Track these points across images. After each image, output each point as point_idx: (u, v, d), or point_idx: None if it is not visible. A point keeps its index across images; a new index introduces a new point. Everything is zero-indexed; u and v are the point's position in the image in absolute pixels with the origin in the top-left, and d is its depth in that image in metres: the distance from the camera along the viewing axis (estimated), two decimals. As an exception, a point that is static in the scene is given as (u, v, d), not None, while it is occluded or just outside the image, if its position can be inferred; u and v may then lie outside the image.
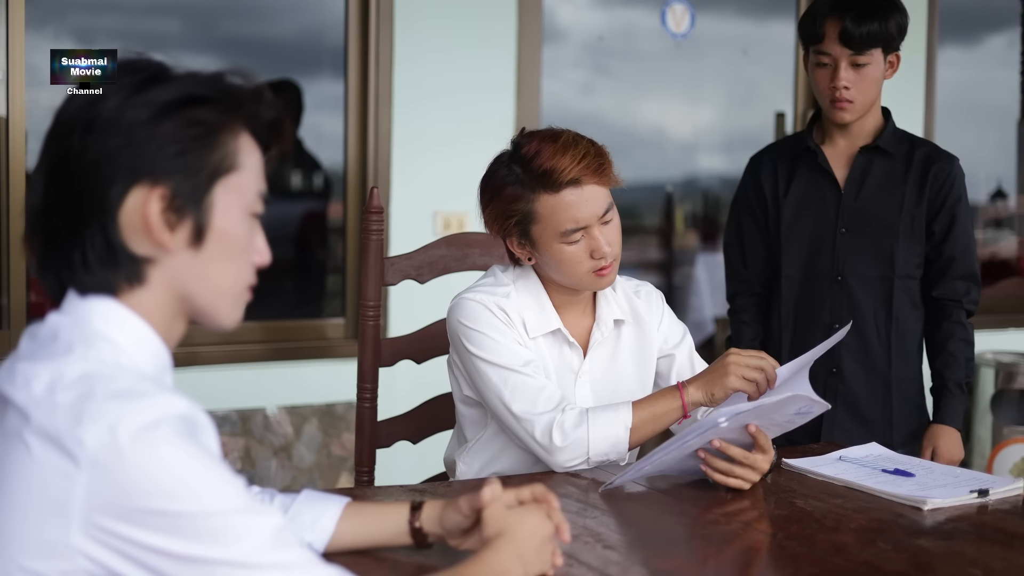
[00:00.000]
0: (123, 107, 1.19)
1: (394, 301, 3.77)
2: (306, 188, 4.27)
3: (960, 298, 2.66)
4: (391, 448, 2.43)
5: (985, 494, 1.96)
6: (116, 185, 1.18)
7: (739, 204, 2.82)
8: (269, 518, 1.17)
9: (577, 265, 2.07)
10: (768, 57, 4.92)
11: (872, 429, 2.65)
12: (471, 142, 3.95)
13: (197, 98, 1.21)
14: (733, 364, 1.99)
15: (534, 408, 2.02)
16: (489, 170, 2.13)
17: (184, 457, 1.12)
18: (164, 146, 1.19)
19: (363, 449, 2.38)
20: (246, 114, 1.25)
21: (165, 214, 1.20)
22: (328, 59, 4.06)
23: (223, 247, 1.24)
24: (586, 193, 2.04)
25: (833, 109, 2.62)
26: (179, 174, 1.20)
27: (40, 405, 1.13)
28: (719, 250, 5.25)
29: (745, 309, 2.80)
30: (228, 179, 1.23)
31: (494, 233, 2.14)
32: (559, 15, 4.59)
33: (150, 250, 1.21)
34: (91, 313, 1.21)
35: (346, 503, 1.57)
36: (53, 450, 1.11)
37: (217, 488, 1.14)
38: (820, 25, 2.59)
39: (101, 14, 3.85)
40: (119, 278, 1.21)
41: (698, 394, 2.02)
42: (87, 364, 1.16)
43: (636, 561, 1.65)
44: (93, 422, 1.10)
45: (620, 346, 2.20)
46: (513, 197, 2.06)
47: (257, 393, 3.67)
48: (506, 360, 2.06)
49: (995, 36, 5.62)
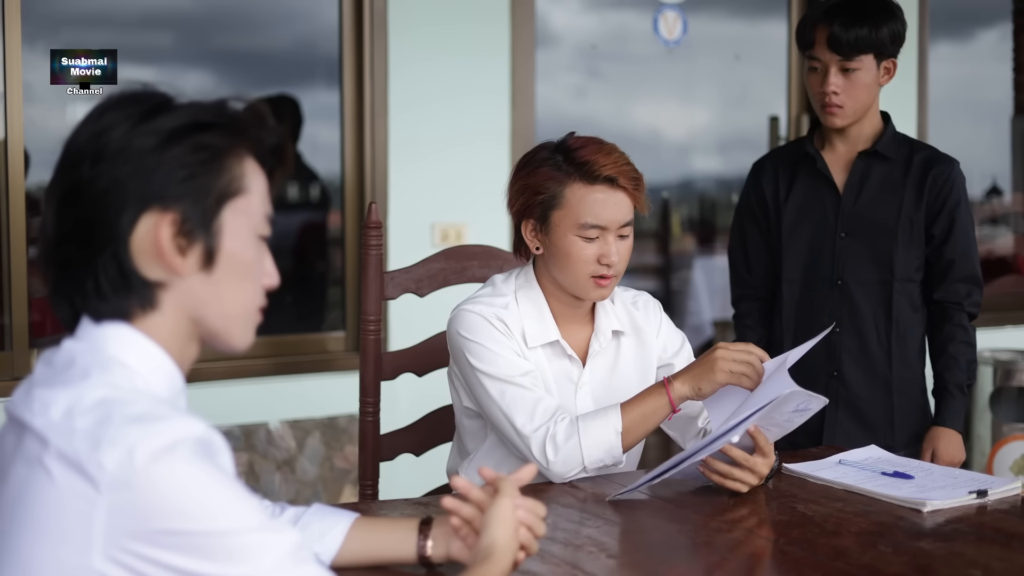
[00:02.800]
0: (130, 136, 1.21)
1: (394, 314, 3.78)
2: (303, 199, 4.28)
3: (961, 301, 2.67)
4: (394, 461, 2.44)
5: (984, 495, 1.97)
6: (127, 212, 1.20)
7: (742, 210, 2.84)
8: (286, 535, 1.20)
9: (582, 265, 2.08)
10: (761, 60, 4.93)
11: (874, 431, 2.66)
12: (467, 150, 3.97)
13: (202, 124, 1.23)
14: (721, 359, 2.00)
15: (531, 422, 2.03)
16: (530, 152, 2.17)
17: (201, 478, 1.14)
18: (172, 171, 1.21)
19: (366, 462, 2.39)
20: (250, 139, 1.27)
21: (176, 239, 1.22)
22: (322, 69, 4.07)
23: (233, 270, 1.26)
24: (616, 197, 2.07)
25: (824, 114, 2.64)
26: (188, 199, 1.22)
27: (59, 430, 1.15)
28: (716, 254, 5.26)
29: (749, 313, 2.82)
30: (236, 202, 1.25)
31: (514, 212, 2.15)
32: (551, 20, 4.60)
33: (162, 275, 1.23)
34: (106, 339, 1.23)
35: (355, 518, 1.59)
36: (73, 474, 1.13)
37: (234, 507, 1.16)
38: (811, 30, 2.62)
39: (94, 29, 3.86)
40: (132, 304, 1.23)
41: (684, 388, 2.02)
42: (104, 389, 1.18)
43: (640, 570, 1.67)
44: (112, 446, 1.12)
45: (620, 357, 2.21)
46: (547, 176, 2.09)
47: (259, 408, 3.68)
48: (504, 372, 2.07)
49: (986, 31, 5.62)
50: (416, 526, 1.59)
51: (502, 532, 1.44)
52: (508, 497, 1.48)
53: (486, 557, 1.42)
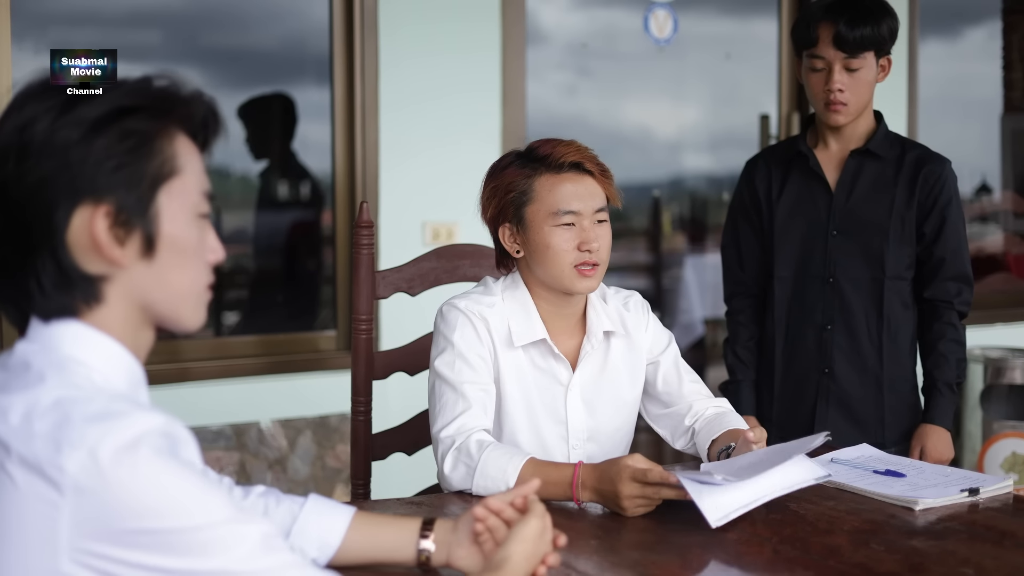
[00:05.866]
0: (53, 129, 1.17)
1: (385, 313, 3.78)
2: (294, 198, 4.27)
3: (951, 299, 2.68)
4: (386, 460, 2.44)
5: (976, 493, 1.98)
6: (59, 208, 1.17)
7: (735, 207, 2.86)
8: (255, 525, 1.19)
9: (563, 255, 2.08)
10: (752, 58, 4.94)
11: (864, 429, 2.68)
12: (458, 148, 3.97)
13: (126, 109, 1.20)
14: (627, 499, 1.85)
15: (447, 429, 2.02)
16: (495, 162, 2.18)
17: (166, 474, 1.13)
18: (101, 162, 1.18)
19: (358, 462, 2.39)
20: (178, 116, 1.24)
21: (113, 230, 1.19)
22: (311, 67, 4.06)
23: (175, 253, 1.24)
24: (586, 184, 2.09)
25: (827, 112, 2.65)
26: (120, 188, 1.19)
27: (18, 435, 1.13)
28: (707, 252, 5.26)
29: (742, 310, 2.83)
30: (170, 184, 1.23)
31: (489, 219, 2.15)
32: (541, 17, 4.60)
33: (103, 268, 1.21)
34: (59, 338, 1.21)
35: (354, 512, 1.58)
36: (36, 479, 1.11)
37: (202, 501, 1.15)
38: (814, 29, 2.62)
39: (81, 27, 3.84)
40: (76, 300, 1.21)
41: (588, 494, 1.90)
42: (61, 389, 1.16)
43: (633, 569, 1.67)
44: (73, 448, 1.10)
45: (610, 357, 2.21)
46: (514, 174, 2.11)
47: (251, 407, 3.67)
48: (451, 375, 2.07)
49: (975, 29, 5.63)
50: (417, 527, 1.57)
51: (520, 549, 1.44)
52: (538, 519, 1.48)
53: (496, 569, 1.42)
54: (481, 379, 2.08)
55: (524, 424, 2.14)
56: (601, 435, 2.20)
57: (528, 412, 2.15)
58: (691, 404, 2.23)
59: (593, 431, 2.19)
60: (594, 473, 1.90)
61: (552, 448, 2.16)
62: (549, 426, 2.16)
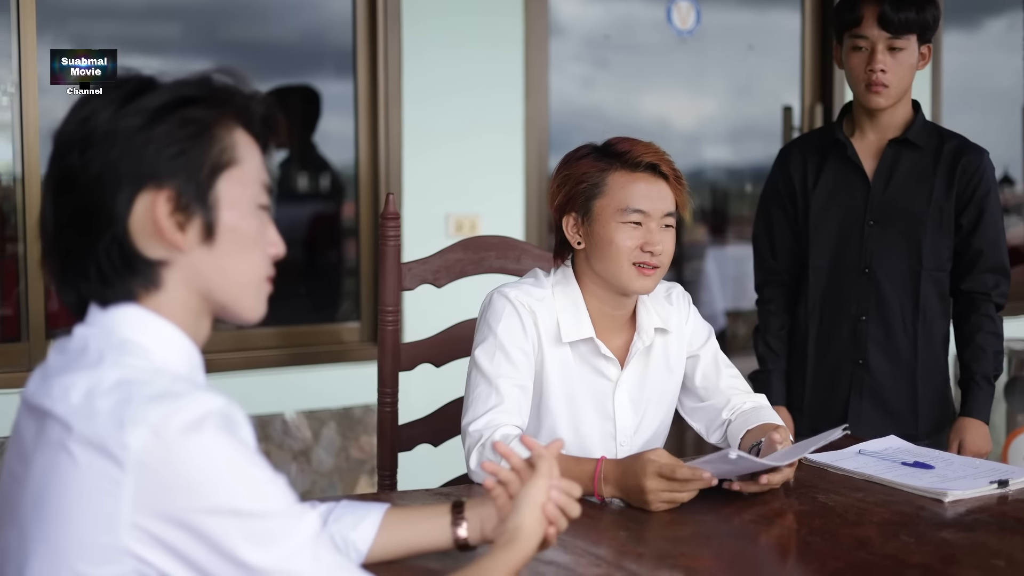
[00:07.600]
0: (116, 118, 1.21)
1: (409, 304, 3.79)
2: (314, 190, 4.28)
3: (989, 291, 2.66)
4: (412, 452, 2.44)
5: (1005, 484, 1.97)
6: (122, 194, 1.21)
7: (768, 195, 2.83)
8: (308, 521, 1.20)
9: (625, 252, 2.06)
10: (774, 49, 4.92)
11: (897, 420, 2.66)
12: (480, 140, 3.97)
13: (186, 99, 1.23)
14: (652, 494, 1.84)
15: (476, 423, 2.01)
16: (571, 151, 2.17)
17: (229, 455, 1.16)
18: (162, 149, 1.21)
19: (385, 453, 2.39)
20: (236, 109, 1.27)
21: (173, 215, 1.22)
22: (332, 60, 4.07)
23: (235, 240, 1.26)
24: (659, 187, 2.09)
25: (868, 94, 2.62)
26: (181, 174, 1.22)
27: (80, 414, 1.15)
28: (728, 244, 5.25)
29: (773, 299, 2.81)
30: (230, 173, 1.25)
31: (555, 207, 2.14)
32: (563, 10, 4.59)
33: (164, 253, 1.23)
34: (118, 321, 1.23)
35: (386, 508, 1.58)
36: (98, 456, 1.13)
37: (261, 487, 1.18)
38: (859, 8, 2.61)
39: (101, 20, 3.85)
40: (136, 285, 1.23)
41: (610, 489, 1.90)
42: (122, 370, 1.18)
43: (663, 561, 1.67)
44: (135, 425, 1.13)
45: (653, 352, 2.19)
46: (589, 166, 2.10)
47: (275, 399, 3.68)
48: (490, 368, 2.06)
49: (996, 20, 5.60)
50: (448, 511, 1.58)
51: (530, 515, 1.44)
52: (543, 479, 1.47)
53: (510, 541, 1.42)
54: (519, 374, 2.07)
55: (565, 420, 2.13)
56: (646, 430, 2.19)
57: (570, 408, 2.13)
58: (729, 399, 2.22)
59: (639, 427, 2.18)
60: (617, 468, 1.90)
61: (591, 445, 2.14)
62: (594, 423, 2.14)
